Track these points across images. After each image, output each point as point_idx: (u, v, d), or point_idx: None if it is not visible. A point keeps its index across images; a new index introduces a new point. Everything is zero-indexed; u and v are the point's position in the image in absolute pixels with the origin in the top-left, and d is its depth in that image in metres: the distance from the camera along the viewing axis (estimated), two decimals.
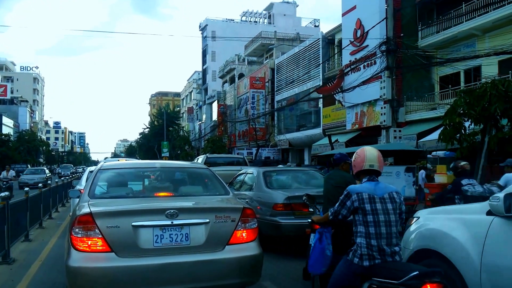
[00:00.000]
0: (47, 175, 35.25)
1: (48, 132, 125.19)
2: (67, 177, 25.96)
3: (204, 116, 62.63)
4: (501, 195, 3.28)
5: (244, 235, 4.65)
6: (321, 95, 30.20)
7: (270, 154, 36.89)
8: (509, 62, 18.55)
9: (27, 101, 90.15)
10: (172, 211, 4.33)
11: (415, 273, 3.09)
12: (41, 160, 71.38)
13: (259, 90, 40.88)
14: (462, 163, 7.89)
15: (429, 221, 4.25)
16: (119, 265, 4.12)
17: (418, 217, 4.44)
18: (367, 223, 3.51)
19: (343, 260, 3.66)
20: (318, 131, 31.39)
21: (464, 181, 7.41)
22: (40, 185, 13.10)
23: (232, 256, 4.48)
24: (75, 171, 53.49)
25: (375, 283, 3.35)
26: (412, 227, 4.39)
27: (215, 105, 55.26)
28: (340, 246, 4.29)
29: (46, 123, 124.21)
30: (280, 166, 20.68)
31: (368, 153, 3.82)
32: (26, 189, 10.46)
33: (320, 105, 31.62)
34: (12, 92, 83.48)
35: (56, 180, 24.01)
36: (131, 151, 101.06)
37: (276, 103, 38.34)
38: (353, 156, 3.90)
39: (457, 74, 21.16)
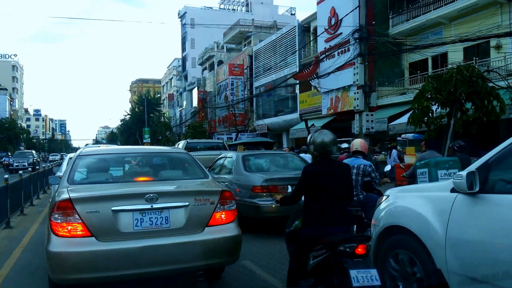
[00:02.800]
0: (35, 157, 34.99)
1: (28, 120, 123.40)
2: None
3: (184, 103, 62.62)
4: (463, 173, 3.35)
5: (223, 217, 4.71)
6: (297, 81, 30.71)
7: (249, 139, 37.40)
8: (473, 49, 19.27)
9: (6, 89, 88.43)
10: (151, 195, 4.37)
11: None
12: (22, 148, 70.72)
13: (238, 77, 41.23)
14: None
15: (398, 199, 4.34)
16: (100, 249, 4.13)
17: (388, 196, 4.54)
18: None
19: None
20: (295, 116, 31.98)
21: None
22: (29, 168, 12.88)
23: (211, 238, 4.54)
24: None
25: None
26: (382, 205, 4.50)
27: (195, 92, 55.36)
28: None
29: (26, 110, 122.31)
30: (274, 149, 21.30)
31: (356, 142, 6.83)
32: (6, 176, 10.32)
33: (297, 91, 32.20)
34: None
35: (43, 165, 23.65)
36: (112, 137, 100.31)
37: (255, 89, 38.71)
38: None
39: (425, 60, 21.79)
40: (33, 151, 40.23)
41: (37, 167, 21.17)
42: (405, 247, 3.94)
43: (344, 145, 15.25)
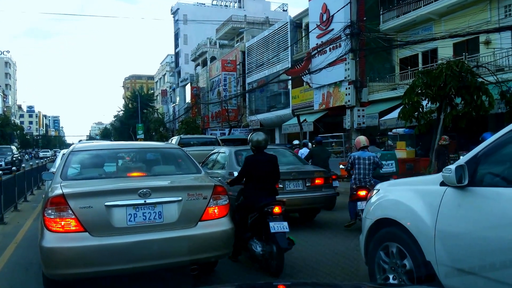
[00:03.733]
0: (15, 154, 29.78)
1: (21, 116, 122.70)
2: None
3: (177, 99, 62.44)
4: (452, 167, 3.38)
5: (216, 212, 4.74)
6: (290, 77, 30.71)
7: (242, 134, 37.46)
8: (463, 44, 19.43)
9: None
10: (144, 190, 4.39)
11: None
12: (16, 144, 70.29)
13: (231, 73, 41.24)
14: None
15: (388, 193, 4.39)
16: (93, 244, 4.14)
17: (379, 189, 4.59)
18: (356, 169, 8.16)
19: None
20: (287, 111, 32.06)
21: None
22: (9, 168, 12.46)
23: (204, 232, 4.57)
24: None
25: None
26: (373, 199, 4.54)
27: (188, 88, 55.21)
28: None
29: (20, 107, 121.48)
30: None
31: (362, 139, 8.52)
32: None
33: (289, 86, 32.23)
34: None
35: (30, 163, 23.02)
36: (106, 133, 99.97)
37: (247, 85, 38.70)
38: (355, 140, 8.83)
39: (415, 56, 21.92)
40: (13, 147, 33.06)
41: (15, 167, 16.69)
42: (395, 240, 3.98)
43: (296, 142, 18.26)
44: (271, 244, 5.45)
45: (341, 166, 12.78)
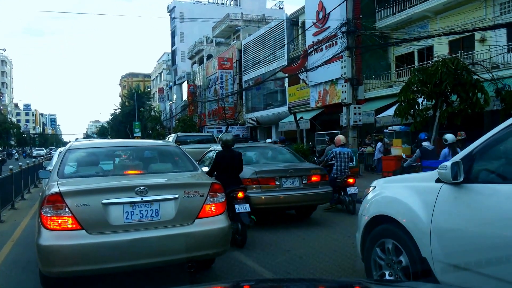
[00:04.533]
0: (46, 151, 30.87)
1: (18, 114, 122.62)
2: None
3: (174, 96, 62.38)
4: (448, 164, 3.38)
5: (213, 209, 4.75)
6: (286, 75, 30.75)
7: (239, 132, 37.50)
8: (459, 42, 19.46)
9: None
10: (141, 188, 4.38)
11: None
12: (12, 142, 70.11)
13: (227, 71, 41.19)
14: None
15: (384, 190, 4.40)
16: (90, 242, 4.14)
17: (375, 186, 4.60)
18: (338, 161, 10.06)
19: None
20: (284, 109, 32.06)
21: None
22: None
23: (201, 229, 4.58)
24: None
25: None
26: (369, 196, 4.54)
27: (185, 86, 55.21)
28: None
29: (16, 105, 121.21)
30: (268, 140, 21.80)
31: (342, 137, 10.65)
32: None
33: (286, 84, 32.26)
34: None
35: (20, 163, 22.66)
36: (103, 132, 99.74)
37: (244, 82, 38.69)
38: (336, 139, 10.93)
39: (411, 53, 21.95)
40: None
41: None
42: (391, 236, 4.00)
43: (268, 140, 20.38)
44: (237, 222, 6.74)
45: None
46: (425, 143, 10.48)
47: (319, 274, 5.34)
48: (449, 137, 9.41)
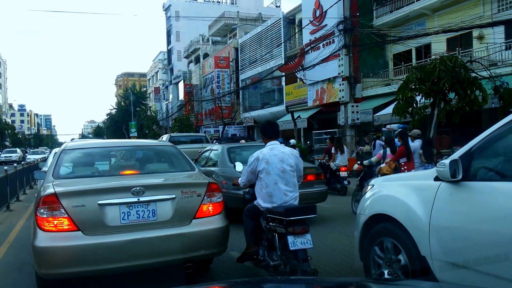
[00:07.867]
0: (19, 154, 44.31)
1: (13, 115, 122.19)
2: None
3: (170, 96, 62.26)
4: (447, 161, 3.37)
5: (210, 209, 4.73)
6: (283, 73, 30.66)
7: (236, 131, 37.44)
8: (456, 40, 19.44)
9: None
10: (138, 188, 4.35)
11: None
12: (7, 143, 69.82)
13: (224, 70, 41.11)
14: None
15: (383, 188, 4.39)
16: (86, 243, 4.12)
17: (373, 185, 4.59)
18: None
19: None
20: (281, 108, 32.01)
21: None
22: (15, 164, 13.14)
23: (199, 229, 4.56)
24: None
25: None
26: (367, 194, 4.53)
27: (181, 85, 55.02)
28: None
29: (11, 106, 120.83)
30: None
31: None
32: None
33: (283, 83, 32.14)
34: None
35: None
36: (98, 132, 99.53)
37: (241, 81, 38.59)
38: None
39: (409, 51, 21.94)
40: (18, 149, 44.66)
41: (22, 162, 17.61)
42: (390, 235, 3.98)
43: (242, 141, 20.09)
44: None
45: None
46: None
47: (318, 274, 5.31)
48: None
